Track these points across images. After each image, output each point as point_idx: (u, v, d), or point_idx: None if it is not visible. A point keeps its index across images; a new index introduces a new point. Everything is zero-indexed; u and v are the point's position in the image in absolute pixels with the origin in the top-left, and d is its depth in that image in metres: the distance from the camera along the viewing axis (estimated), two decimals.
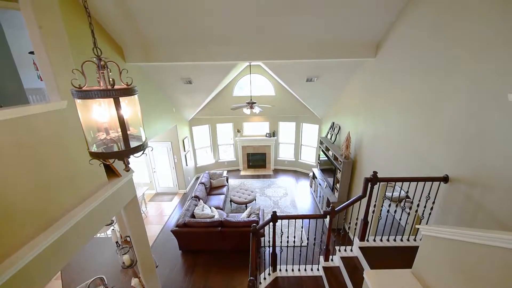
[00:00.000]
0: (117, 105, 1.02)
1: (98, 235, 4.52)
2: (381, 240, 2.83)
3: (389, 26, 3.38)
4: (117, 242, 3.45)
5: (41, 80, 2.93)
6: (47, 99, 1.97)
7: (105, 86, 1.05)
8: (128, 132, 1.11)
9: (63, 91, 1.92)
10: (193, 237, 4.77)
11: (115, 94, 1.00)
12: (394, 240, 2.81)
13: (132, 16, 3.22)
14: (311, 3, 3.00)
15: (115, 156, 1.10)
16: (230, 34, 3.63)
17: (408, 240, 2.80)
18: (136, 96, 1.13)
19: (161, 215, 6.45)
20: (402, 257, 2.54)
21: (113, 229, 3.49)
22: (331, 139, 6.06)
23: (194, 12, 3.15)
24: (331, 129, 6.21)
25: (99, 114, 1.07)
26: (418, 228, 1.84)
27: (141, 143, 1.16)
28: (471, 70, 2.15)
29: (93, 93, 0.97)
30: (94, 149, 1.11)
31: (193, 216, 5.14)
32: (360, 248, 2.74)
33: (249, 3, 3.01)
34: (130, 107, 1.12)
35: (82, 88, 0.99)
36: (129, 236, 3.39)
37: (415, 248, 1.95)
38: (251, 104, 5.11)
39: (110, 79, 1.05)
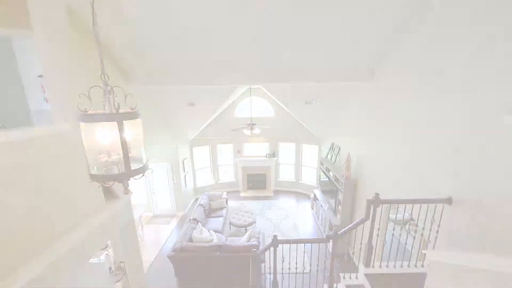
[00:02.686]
0: (121, 128, 1.04)
1: (90, 260, 4.30)
2: (387, 266, 2.70)
3: (384, 51, 3.54)
4: (110, 269, 3.27)
5: (47, 102, 3.02)
6: (51, 121, 2.01)
7: (110, 110, 1.08)
8: (130, 155, 1.11)
9: (68, 114, 1.97)
10: (191, 263, 4.54)
11: (119, 117, 1.03)
12: (401, 266, 2.68)
13: (138, 44, 3.40)
14: (310, 34, 3.19)
15: (115, 179, 1.10)
16: (232, 60, 3.80)
17: (415, 266, 2.68)
18: (139, 119, 1.15)
19: (157, 239, 6.21)
20: (410, 285, 2.41)
21: (107, 254, 3.33)
22: (331, 159, 6.05)
23: (199, 39, 3.33)
24: (330, 150, 6.22)
25: (102, 137, 1.08)
26: (425, 253, 1.77)
27: (141, 165, 1.16)
28: (469, 90, 2.19)
29: (98, 117, 1.00)
30: (94, 171, 1.11)
31: (190, 240, 4.95)
32: (366, 275, 2.60)
33: (250, 32, 3.20)
34: (133, 130, 1.14)
35: (87, 111, 1.02)
36: (123, 262, 3.23)
37: (424, 275, 1.85)
38: (251, 126, 5.20)
39: (116, 103, 1.08)
